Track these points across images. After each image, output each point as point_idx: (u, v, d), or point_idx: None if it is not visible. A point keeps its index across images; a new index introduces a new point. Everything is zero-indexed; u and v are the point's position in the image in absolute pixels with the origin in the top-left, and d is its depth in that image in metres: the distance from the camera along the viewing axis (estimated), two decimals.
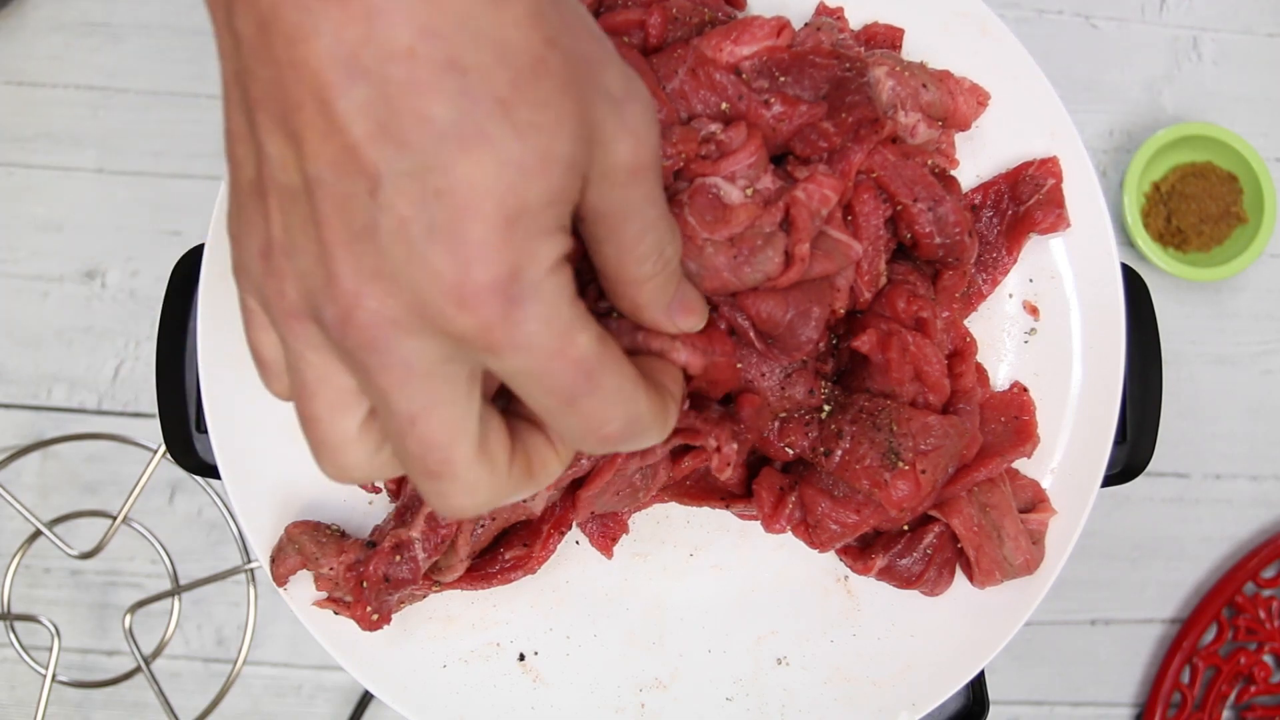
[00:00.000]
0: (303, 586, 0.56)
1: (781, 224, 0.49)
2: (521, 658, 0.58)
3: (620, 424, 0.32)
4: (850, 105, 0.51)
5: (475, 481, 0.31)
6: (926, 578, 0.56)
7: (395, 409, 0.29)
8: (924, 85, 0.55)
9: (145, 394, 0.77)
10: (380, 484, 0.56)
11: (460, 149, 0.26)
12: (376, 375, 0.29)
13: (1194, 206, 0.76)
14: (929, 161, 0.55)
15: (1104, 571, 0.77)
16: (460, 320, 0.27)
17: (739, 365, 0.53)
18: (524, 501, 0.53)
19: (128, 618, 0.69)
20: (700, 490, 0.56)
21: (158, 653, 0.72)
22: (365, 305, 0.28)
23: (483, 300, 0.27)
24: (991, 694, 0.63)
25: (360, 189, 0.26)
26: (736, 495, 0.56)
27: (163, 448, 0.70)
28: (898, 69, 0.54)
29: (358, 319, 0.28)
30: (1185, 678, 0.76)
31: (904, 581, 0.57)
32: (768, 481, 0.55)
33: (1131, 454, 0.62)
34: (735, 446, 0.50)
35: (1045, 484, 0.59)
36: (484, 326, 0.28)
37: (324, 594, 0.55)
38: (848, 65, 0.53)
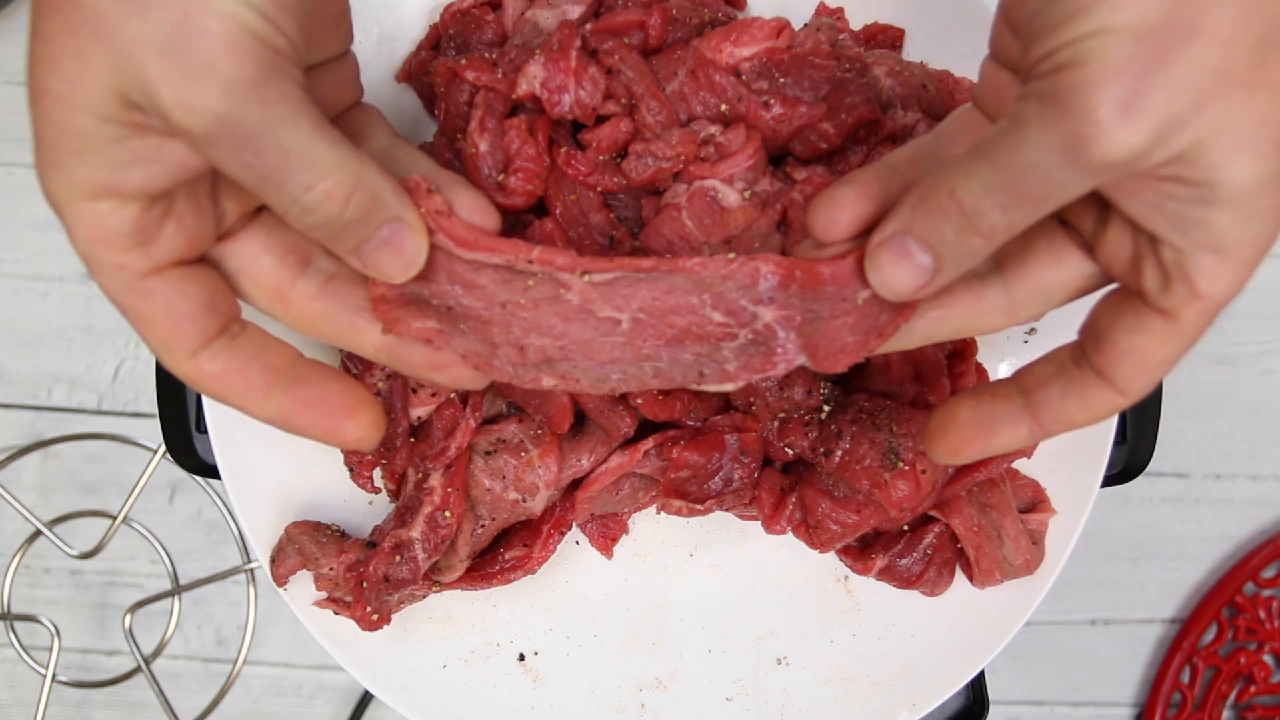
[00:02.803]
0: (303, 586, 0.56)
1: (779, 225, 0.49)
2: (521, 658, 0.58)
3: None
4: (850, 106, 0.51)
5: None
6: (926, 578, 0.56)
7: None
8: (924, 85, 0.55)
9: (145, 394, 0.77)
10: (380, 484, 0.56)
11: None
12: None
13: None
14: None
15: (1104, 571, 0.77)
16: None
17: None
18: (524, 502, 0.53)
19: (128, 618, 0.69)
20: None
21: (158, 653, 0.72)
22: None
23: None
24: (991, 694, 0.63)
25: None
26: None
27: (163, 448, 0.70)
28: (897, 69, 0.54)
29: None
30: (1185, 678, 0.76)
31: (904, 581, 0.57)
32: (768, 482, 0.55)
33: (1131, 454, 0.62)
34: None
35: (1045, 484, 0.59)
36: None
37: (324, 594, 0.55)
38: (847, 66, 0.52)
